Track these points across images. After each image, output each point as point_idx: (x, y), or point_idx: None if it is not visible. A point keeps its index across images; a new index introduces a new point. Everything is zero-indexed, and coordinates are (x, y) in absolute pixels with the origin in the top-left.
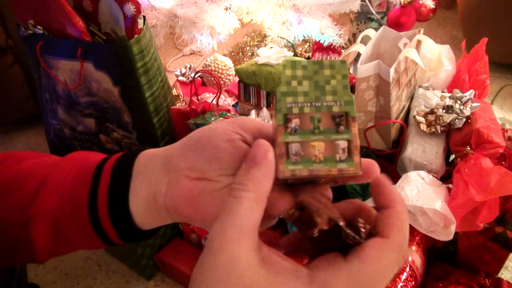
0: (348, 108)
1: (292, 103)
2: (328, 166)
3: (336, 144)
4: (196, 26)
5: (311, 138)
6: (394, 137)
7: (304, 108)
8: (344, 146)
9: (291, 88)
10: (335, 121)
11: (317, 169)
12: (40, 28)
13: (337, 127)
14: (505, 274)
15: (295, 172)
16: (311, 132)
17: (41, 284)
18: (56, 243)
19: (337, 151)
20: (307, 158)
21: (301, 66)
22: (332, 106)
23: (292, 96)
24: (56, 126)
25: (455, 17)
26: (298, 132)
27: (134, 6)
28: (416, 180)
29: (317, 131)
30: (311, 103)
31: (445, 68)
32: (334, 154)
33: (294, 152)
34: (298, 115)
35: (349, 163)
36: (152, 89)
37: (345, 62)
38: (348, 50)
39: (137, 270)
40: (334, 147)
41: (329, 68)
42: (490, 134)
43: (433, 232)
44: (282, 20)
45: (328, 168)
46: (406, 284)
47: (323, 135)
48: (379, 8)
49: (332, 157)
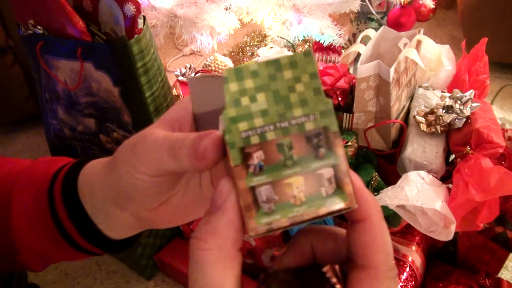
0: (327, 121)
1: (248, 130)
2: (313, 207)
3: (318, 174)
4: (196, 26)
5: (283, 174)
6: (394, 137)
7: (267, 134)
8: (329, 175)
9: (242, 110)
10: (311, 143)
11: (300, 214)
12: (40, 28)
13: (316, 151)
14: (505, 274)
15: (272, 226)
16: (283, 166)
17: (41, 284)
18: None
19: (322, 184)
20: (284, 203)
21: (250, 74)
22: (304, 123)
23: (246, 121)
24: (56, 126)
25: (455, 17)
26: (264, 169)
27: (134, 6)
28: (416, 180)
29: (290, 163)
30: (275, 125)
31: (445, 68)
32: (319, 189)
33: (265, 199)
34: (260, 145)
35: (340, 196)
36: (152, 89)
37: (310, 53)
38: (348, 50)
39: (137, 270)
40: (316, 179)
41: (289, 67)
42: (490, 134)
43: (433, 232)
44: (282, 20)
45: (314, 210)
46: (406, 284)
47: (300, 166)
48: (379, 8)
49: (317, 193)
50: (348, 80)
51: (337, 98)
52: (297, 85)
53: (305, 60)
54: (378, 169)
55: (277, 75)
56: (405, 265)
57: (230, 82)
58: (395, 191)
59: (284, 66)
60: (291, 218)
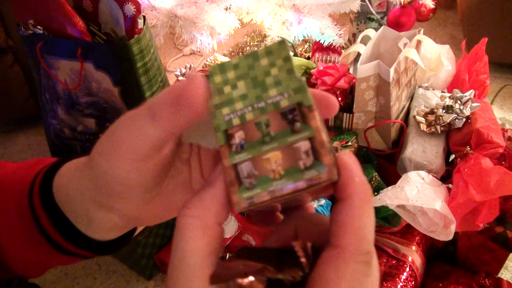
0: (300, 96)
1: (231, 113)
2: (291, 180)
3: (295, 148)
4: (196, 26)
5: (262, 150)
6: (394, 137)
7: (246, 115)
8: (306, 147)
9: (225, 97)
10: (287, 118)
11: (279, 188)
12: (40, 28)
13: (291, 126)
14: (505, 274)
15: (253, 200)
16: (261, 142)
17: (41, 284)
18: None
19: (300, 157)
20: (263, 177)
21: (232, 66)
22: (279, 101)
23: (228, 106)
24: (56, 126)
25: (455, 17)
26: (245, 147)
27: (134, 6)
28: (416, 180)
29: (267, 139)
30: (253, 106)
31: (445, 68)
32: (297, 162)
33: (246, 175)
34: (241, 125)
35: (319, 168)
36: (152, 89)
37: (284, 41)
38: (348, 50)
39: (137, 270)
40: (294, 152)
41: (265, 56)
42: (490, 134)
43: (433, 232)
44: (282, 20)
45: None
46: (406, 284)
47: (277, 142)
48: (379, 8)
49: (295, 166)
50: (348, 80)
51: (337, 98)
52: (272, 69)
53: (279, 48)
54: (378, 169)
55: (255, 64)
56: (405, 265)
57: (215, 76)
58: (395, 191)
59: (261, 55)
60: (271, 191)
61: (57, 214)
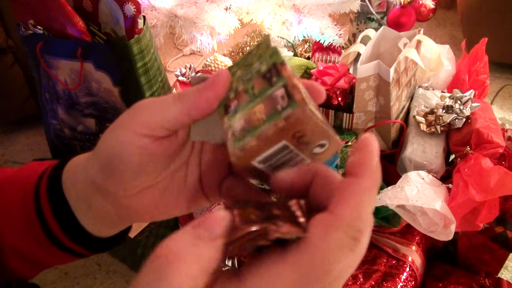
0: (274, 58)
1: (229, 92)
2: (272, 121)
3: (274, 96)
4: (196, 26)
5: (249, 107)
6: (394, 137)
7: (238, 88)
8: (282, 93)
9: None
10: (266, 77)
11: (263, 131)
12: (40, 28)
13: (269, 82)
14: (505, 274)
15: (245, 145)
16: (249, 102)
17: (41, 284)
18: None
19: (277, 102)
20: (251, 128)
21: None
22: (260, 68)
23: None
24: (56, 126)
25: (455, 17)
26: (237, 110)
27: (134, 6)
28: (416, 180)
29: (253, 98)
30: (243, 80)
31: (445, 68)
32: (275, 107)
33: (238, 129)
34: (235, 97)
35: (292, 104)
36: (152, 89)
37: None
38: (348, 50)
39: (137, 270)
40: (273, 101)
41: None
42: (490, 134)
43: (433, 232)
44: (282, 20)
45: (273, 123)
46: (406, 284)
47: (260, 97)
48: (379, 8)
49: (274, 110)
50: (348, 80)
51: (337, 98)
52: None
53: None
54: None
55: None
56: (405, 265)
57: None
58: (395, 191)
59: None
60: (257, 136)
61: (60, 204)
